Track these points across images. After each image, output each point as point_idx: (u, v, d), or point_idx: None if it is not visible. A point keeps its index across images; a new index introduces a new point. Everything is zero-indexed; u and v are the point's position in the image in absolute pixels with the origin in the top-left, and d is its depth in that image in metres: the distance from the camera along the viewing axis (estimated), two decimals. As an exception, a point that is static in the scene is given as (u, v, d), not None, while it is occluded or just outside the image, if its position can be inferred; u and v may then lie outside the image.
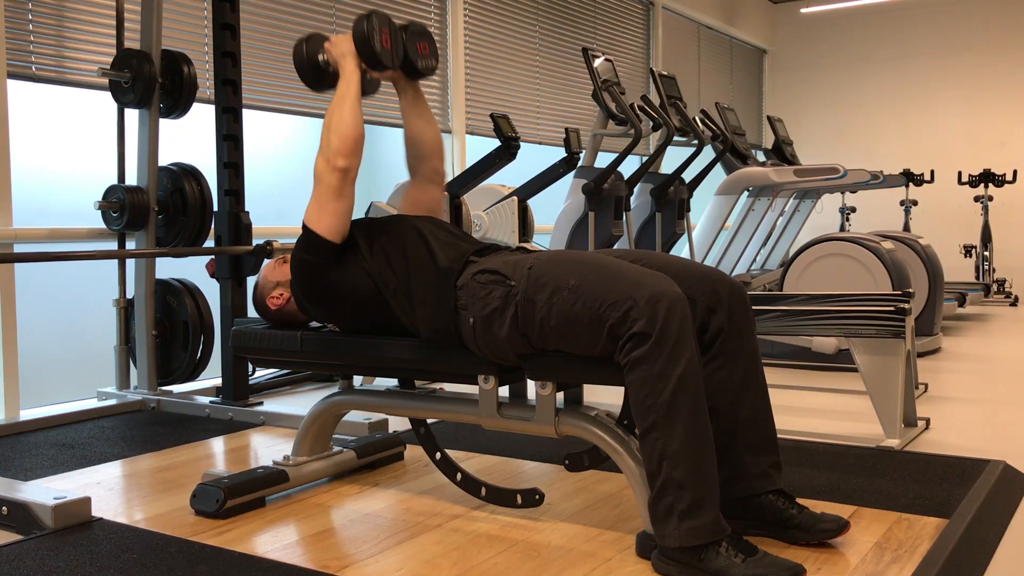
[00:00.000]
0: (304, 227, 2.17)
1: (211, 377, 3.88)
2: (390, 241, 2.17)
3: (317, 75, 2.28)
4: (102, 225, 3.66)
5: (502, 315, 1.95)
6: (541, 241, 5.05)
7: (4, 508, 2.14)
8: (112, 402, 3.53)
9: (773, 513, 1.93)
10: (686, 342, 1.75)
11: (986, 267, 7.68)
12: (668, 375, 1.73)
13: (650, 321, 1.75)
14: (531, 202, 4.60)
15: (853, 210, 8.41)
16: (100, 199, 3.59)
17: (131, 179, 3.70)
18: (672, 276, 1.88)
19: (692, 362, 1.75)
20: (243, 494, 2.22)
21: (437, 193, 2.46)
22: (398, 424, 3.07)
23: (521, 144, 4.44)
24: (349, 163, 2.12)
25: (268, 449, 2.94)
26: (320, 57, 2.26)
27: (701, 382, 1.77)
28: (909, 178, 7.74)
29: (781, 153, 6.69)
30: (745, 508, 1.95)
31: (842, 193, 8.00)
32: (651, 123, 5.01)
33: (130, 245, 3.71)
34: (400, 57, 2.28)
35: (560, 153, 4.69)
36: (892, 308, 2.76)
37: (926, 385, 3.81)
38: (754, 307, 2.08)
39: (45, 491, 2.25)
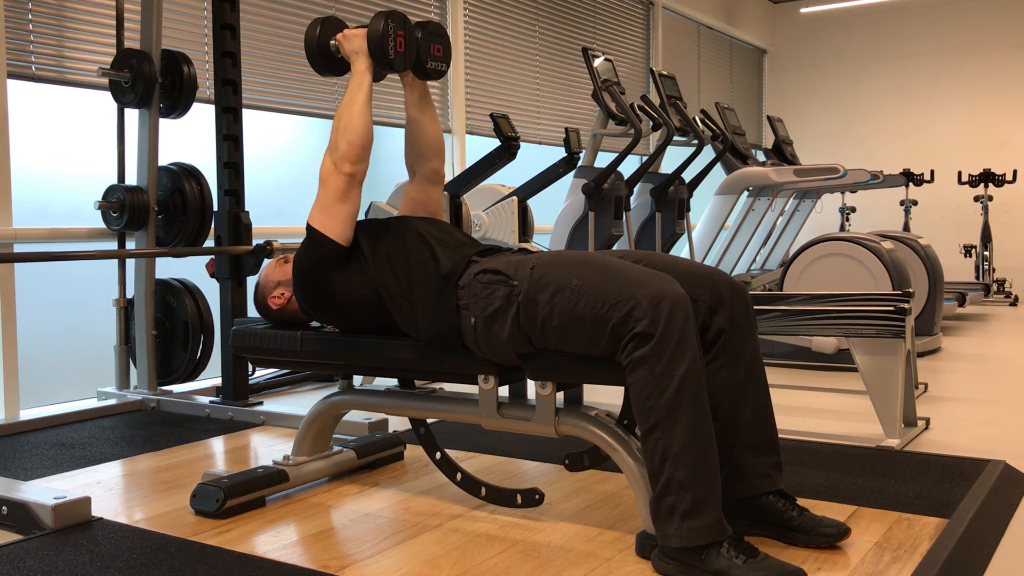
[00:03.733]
0: (308, 227, 2.17)
1: (211, 377, 3.89)
2: (393, 244, 2.16)
3: (325, 60, 2.26)
4: (102, 225, 3.66)
5: (504, 315, 1.95)
6: (541, 241, 5.05)
7: (4, 508, 2.14)
8: (112, 402, 3.53)
9: (773, 514, 1.93)
10: (688, 342, 1.75)
11: (986, 267, 7.68)
12: (670, 375, 1.73)
13: (653, 321, 1.75)
14: (531, 202, 4.60)
15: (853, 210, 8.41)
16: (100, 199, 3.59)
17: (131, 179, 3.70)
18: (674, 276, 1.89)
19: (694, 362, 1.75)
20: (243, 494, 2.22)
21: (437, 194, 2.45)
22: (398, 424, 3.07)
23: (521, 144, 4.44)
24: (355, 168, 2.11)
25: (268, 449, 2.94)
26: (331, 43, 2.24)
27: (703, 382, 1.77)
28: (909, 178, 7.74)
29: (781, 153, 6.70)
30: (745, 509, 1.95)
31: (842, 193, 8.00)
32: (651, 123, 5.01)
33: (130, 245, 3.71)
34: (412, 59, 2.26)
35: (560, 153, 4.69)
36: (892, 308, 2.76)
37: (926, 385, 3.81)
38: (754, 307, 2.08)
39: (45, 491, 2.25)
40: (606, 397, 2.68)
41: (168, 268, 3.78)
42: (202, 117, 3.86)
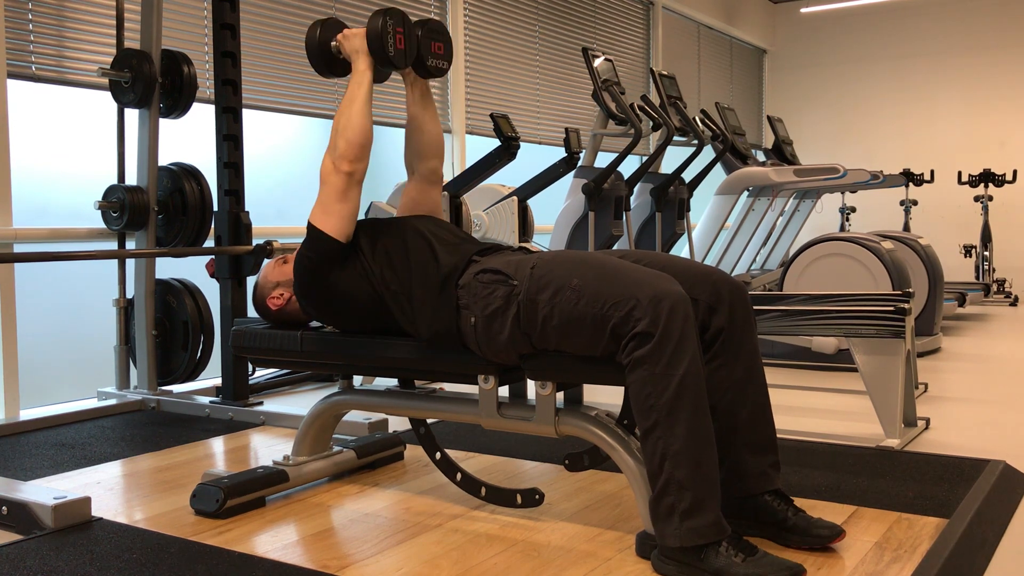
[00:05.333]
0: (309, 225, 2.18)
1: (211, 377, 3.89)
2: (393, 243, 2.17)
3: (326, 61, 2.26)
4: (102, 225, 3.66)
5: (504, 315, 1.95)
6: (541, 241, 5.05)
7: (4, 508, 2.14)
8: (112, 402, 3.53)
9: (770, 514, 1.93)
10: (688, 342, 1.75)
11: (986, 267, 7.68)
12: (670, 375, 1.73)
13: (653, 321, 1.75)
14: (531, 202, 4.60)
15: (853, 210, 8.41)
16: (100, 199, 3.59)
17: (131, 179, 3.70)
18: (674, 276, 1.88)
19: (694, 362, 1.75)
20: (243, 494, 2.22)
21: (436, 194, 2.45)
22: (398, 424, 3.07)
23: (521, 144, 4.44)
24: (354, 167, 2.12)
25: (268, 449, 2.94)
26: (332, 44, 2.25)
27: (703, 382, 1.77)
28: (909, 178, 7.74)
29: (781, 153, 6.69)
30: (742, 508, 1.95)
31: (842, 193, 8.00)
32: (651, 123, 5.01)
33: (130, 245, 3.71)
34: (412, 56, 2.27)
35: (560, 153, 4.69)
36: (892, 308, 2.76)
37: (926, 385, 3.81)
38: (754, 307, 2.08)
39: (45, 491, 2.25)
40: (606, 397, 2.68)
41: (168, 268, 3.78)
42: (202, 117, 3.86)
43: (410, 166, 2.46)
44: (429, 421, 2.38)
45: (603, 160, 4.89)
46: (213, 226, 3.59)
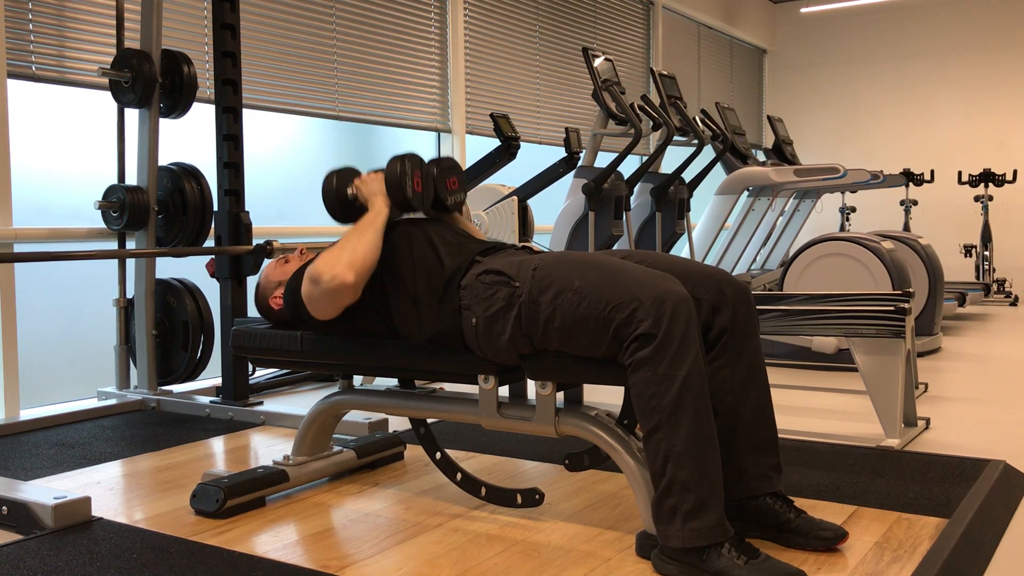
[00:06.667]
0: (300, 302, 2.18)
1: (211, 377, 3.89)
2: (396, 247, 2.16)
3: (344, 209, 2.26)
4: (102, 225, 3.66)
5: (505, 315, 1.95)
6: (541, 241, 5.05)
7: (4, 508, 2.14)
8: (112, 402, 3.53)
9: (771, 516, 1.93)
10: (691, 343, 1.75)
11: (986, 267, 7.68)
12: (673, 376, 1.73)
13: (656, 322, 1.75)
14: (531, 202, 4.61)
15: (853, 210, 8.42)
16: (100, 199, 3.59)
17: (131, 179, 3.70)
18: (677, 276, 1.88)
19: (697, 363, 1.75)
20: (243, 494, 2.22)
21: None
22: (398, 424, 3.07)
23: (521, 144, 4.45)
24: (357, 280, 2.08)
25: (268, 449, 2.94)
26: (349, 191, 2.26)
27: (706, 383, 1.77)
28: (909, 178, 7.74)
29: (781, 153, 6.70)
30: (743, 510, 1.95)
31: (842, 193, 8.00)
32: (651, 123, 5.01)
33: (130, 245, 3.72)
34: (430, 198, 2.28)
35: (560, 153, 4.69)
36: (892, 308, 2.76)
37: (926, 385, 3.81)
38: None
39: (45, 491, 2.25)
40: (606, 397, 2.68)
41: (168, 268, 3.78)
42: (202, 117, 3.86)
43: None
44: (429, 421, 2.38)
45: (603, 160, 4.89)
46: (213, 226, 3.59)
